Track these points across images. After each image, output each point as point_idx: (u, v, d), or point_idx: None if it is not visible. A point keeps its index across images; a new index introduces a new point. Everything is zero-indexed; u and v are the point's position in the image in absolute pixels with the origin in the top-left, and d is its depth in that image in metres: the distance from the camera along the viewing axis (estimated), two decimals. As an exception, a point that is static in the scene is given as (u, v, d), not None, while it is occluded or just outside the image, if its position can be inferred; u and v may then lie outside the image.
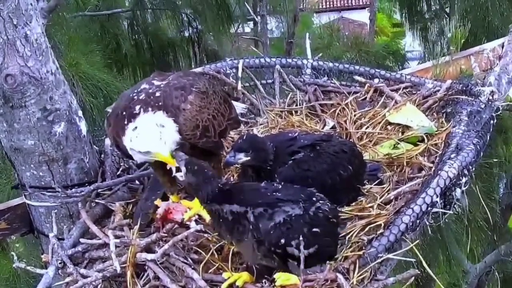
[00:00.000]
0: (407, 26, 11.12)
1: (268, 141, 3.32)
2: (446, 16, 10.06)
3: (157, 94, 3.11)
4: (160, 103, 3.06)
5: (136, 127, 3.00)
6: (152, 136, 2.99)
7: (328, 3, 27.72)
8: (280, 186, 2.86)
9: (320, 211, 2.79)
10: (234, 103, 3.74)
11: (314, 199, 2.82)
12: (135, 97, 3.11)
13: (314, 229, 2.72)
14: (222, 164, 3.36)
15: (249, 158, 3.15)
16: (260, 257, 2.71)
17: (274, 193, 2.77)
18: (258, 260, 2.75)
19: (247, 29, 13.96)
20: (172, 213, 3.23)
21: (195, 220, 3.20)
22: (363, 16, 23.08)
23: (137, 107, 3.05)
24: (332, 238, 2.87)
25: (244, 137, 3.26)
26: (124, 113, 3.07)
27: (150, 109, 3.04)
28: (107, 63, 7.33)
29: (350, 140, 4.01)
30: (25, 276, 5.80)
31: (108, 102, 6.13)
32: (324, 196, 2.90)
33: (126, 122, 3.03)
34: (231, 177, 3.70)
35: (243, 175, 3.35)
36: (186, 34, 10.17)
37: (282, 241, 2.64)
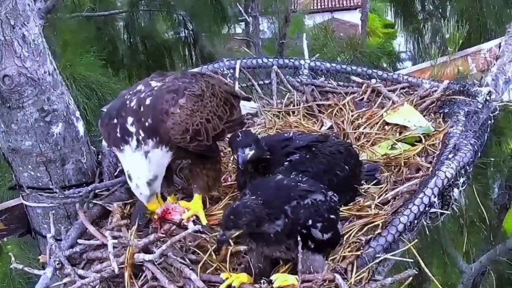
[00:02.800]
0: (401, 27, 11.14)
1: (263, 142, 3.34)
2: (440, 16, 10.09)
3: (147, 102, 3.09)
4: (148, 121, 3.05)
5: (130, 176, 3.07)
6: (145, 191, 3.08)
7: (319, 4, 27.68)
8: (299, 178, 2.95)
9: (332, 201, 2.90)
10: (243, 102, 3.73)
11: (325, 188, 2.93)
12: (127, 103, 3.11)
13: (332, 216, 2.84)
14: (239, 164, 3.26)
15: (254, 151, 3.17)
16: (284, 250, 2.74)
17: (299, 184, 2.86)
18: (275, 252, 2.77)
19: (239, 30, 13.94)
20: (171, 214, 3.23)
21: (193, 221, 3.21)
22: (354, 17, 23.08)
23: (129, 121, 3.05)
24: (338, 228, 2.96)
25: (240, 135, 3.25)
26: (116, 121, 3.09)
27: (140, 135, 3.03)
28: (102, 65, 7.32)
29: (348, 140, 4.01)
30: (19, 278, 5.77)
31: (102, 103, 6.12)
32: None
33: (121, 142, 3.06)
34: (229, 177, 3.70)
35: (242, 172, 3.34)
36: (182, 35, 10.16)
37: (310, 222, 2.72)
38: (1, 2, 2.98)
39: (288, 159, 3.30)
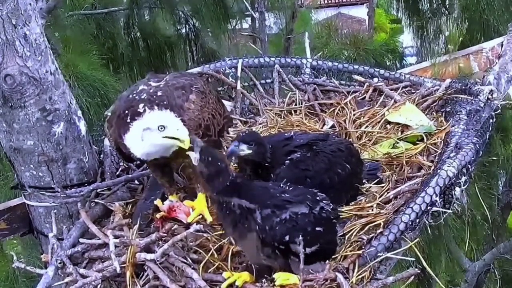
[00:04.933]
0: (406, 22, 11.08)
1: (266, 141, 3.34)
2: (446, 13, 10.05)
3: (159, 93, 3.11)
4: (165, 102, 3.06)
5: (161, 123, 2.97)
6: (178, 124, 2.98)
7: (326, -2, 27.54)
8: (287, 187, 2.88)
9: (324, 211, 2.83)
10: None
11: (318, 199, 2.86)
12: (136, 97, 3.11)
13: (317, 228, 2.77)
14: (227, 155, 3.33)
15: (251, 151, 3.16)
16: (263, 257, 2.73)
17: (283, 194, 2.80)
18: (260, 259, 2.76)
19: (245, 25, 13.91)
20: (176, 211, 3.24)
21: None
22: (361, 12, 23.00)
23: (141, 106, 3.04)
24: (333, 238, 2.90)
25: (247, 131, 3.28)
26: (126, 111, 3.07)
27: (156, 107, 3.03)
28: (103, 63, 7.30)
29: (349, 139, 4.01)
30: (23, 277, 5.78)
31: (104, 102, 6.13)
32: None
33: (129, 121, 3.03)
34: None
35: (240, 173, 3.34)
36: (183, 31, 10.12)
37: (287, 238, 2.68)
38: (3, 2, 2.98)
39: (289, 157, 3.29)
